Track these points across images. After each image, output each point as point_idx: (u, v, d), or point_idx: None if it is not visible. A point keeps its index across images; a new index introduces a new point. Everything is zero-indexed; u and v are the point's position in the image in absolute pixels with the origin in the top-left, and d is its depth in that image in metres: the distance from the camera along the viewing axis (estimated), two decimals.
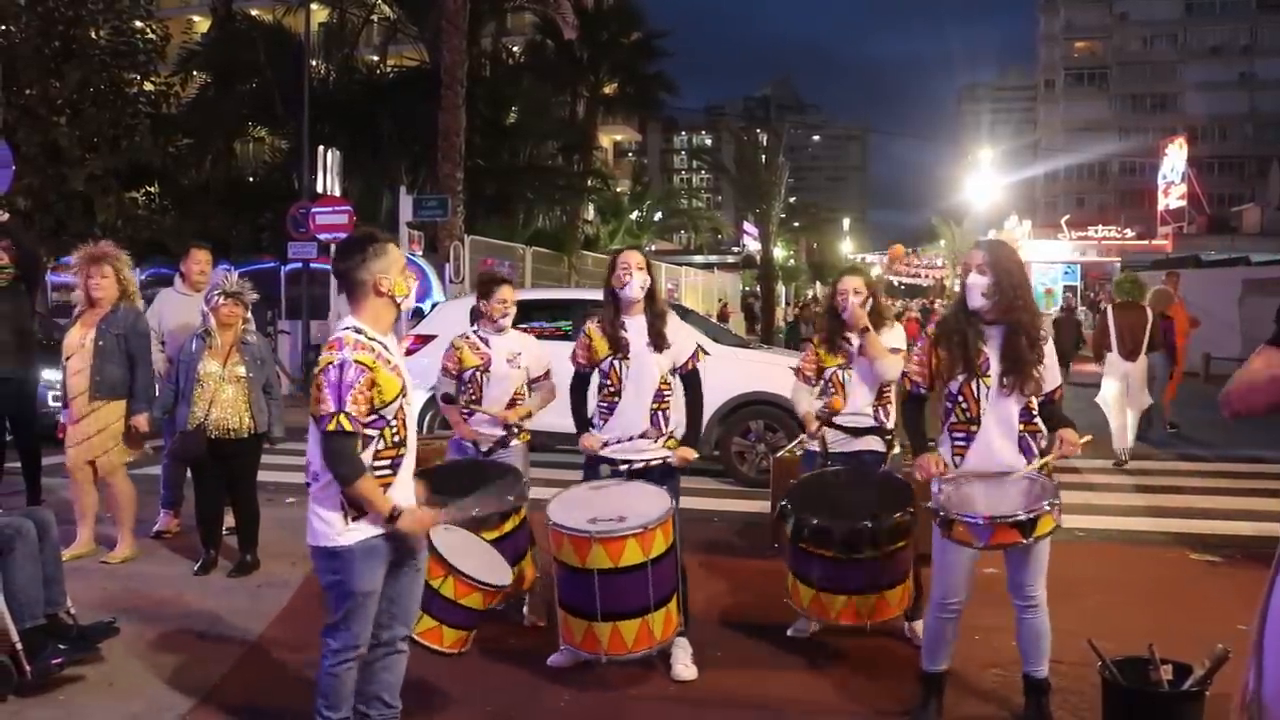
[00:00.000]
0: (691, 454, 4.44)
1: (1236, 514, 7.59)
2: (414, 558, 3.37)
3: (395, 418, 3.22)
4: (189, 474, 6.40)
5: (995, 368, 3.63)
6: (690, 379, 4.48)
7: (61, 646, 4.02)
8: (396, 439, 3.23)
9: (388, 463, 3.22)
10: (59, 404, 6.51)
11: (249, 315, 6.02)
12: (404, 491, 3.28)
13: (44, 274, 7.70)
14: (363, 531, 3.18)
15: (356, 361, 3.08)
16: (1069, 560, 6.04)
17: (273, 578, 5.72)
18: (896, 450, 4.93)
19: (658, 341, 4.36)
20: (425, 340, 9.29)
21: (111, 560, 5.99)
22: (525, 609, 4.92)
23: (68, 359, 5.98)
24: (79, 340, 5.98)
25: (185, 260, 7.15)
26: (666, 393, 4.44)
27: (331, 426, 3.06)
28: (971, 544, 3.47)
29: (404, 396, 3.25)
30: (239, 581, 5.68)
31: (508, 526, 4.40)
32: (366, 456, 3.15)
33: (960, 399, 3.68)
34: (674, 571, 4.08)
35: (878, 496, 4.37)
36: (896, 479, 4.62)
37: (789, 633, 4.76)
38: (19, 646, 3.92)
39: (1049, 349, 3.72)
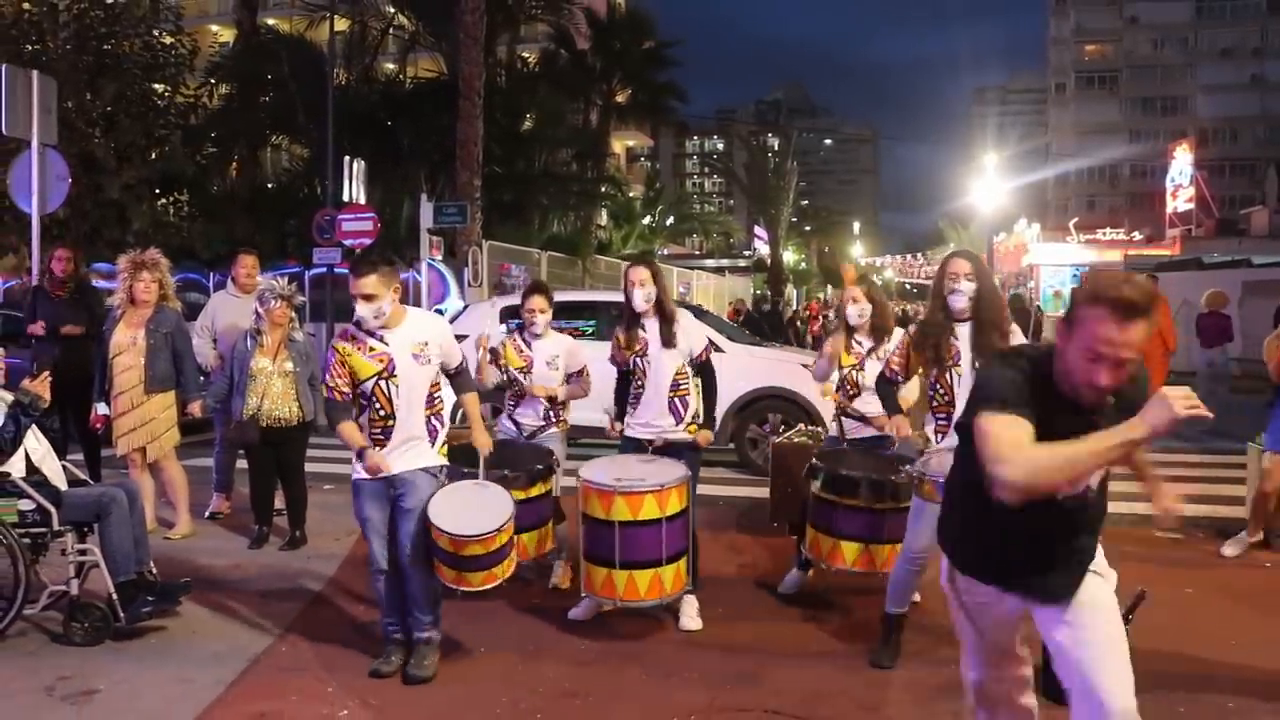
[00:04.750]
0: (709, 436, 5.08)
1: (1205, 498, 8.13)
2: (402, 501, 4.26)
3: (373, 394, 4.22)
4: (239, 461, 7.07)
5: (966, 357, 4.24)
6: (704, 369, 5.14)
7: (150, 598, 4.66)
8: (382, 413, 4.25)
9: (379, 430, 4.26)
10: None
11: (294, 315, 6.66)
12: (398, 454, 4.25)
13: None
14: (358, 472, 4.29)
15: (334, 348, 4.27)
16: None
17: (321, 550, 6.35)
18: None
19: (668, 339, 5.00)
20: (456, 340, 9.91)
21: (173, 537, 6.63)
22: (554, 574, 5.55)
23: (115, 357, 6.55)
24: (129, 339, 6.57)
25: (234, 266, 7.74)
26: (683, 383, 5.11)
27: (324, 393, 4.34)
28: (935, 499, 4.08)
29: (382, 379, 4.22)
30: (290, 554, 6.31)
31: (534, 491, 4.99)
32: (363, 422, 4.28)
33: (938, 387, 4.32)
34: (686, 533, 4.70)
35: (892, 462, 5.00)
36: (904, 454, 5.26)
37: (780, 589, 5.38)
38: (115, 597, 4.58)
39: (1018, 339, 4.33)
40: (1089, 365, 2.39)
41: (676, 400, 5.07)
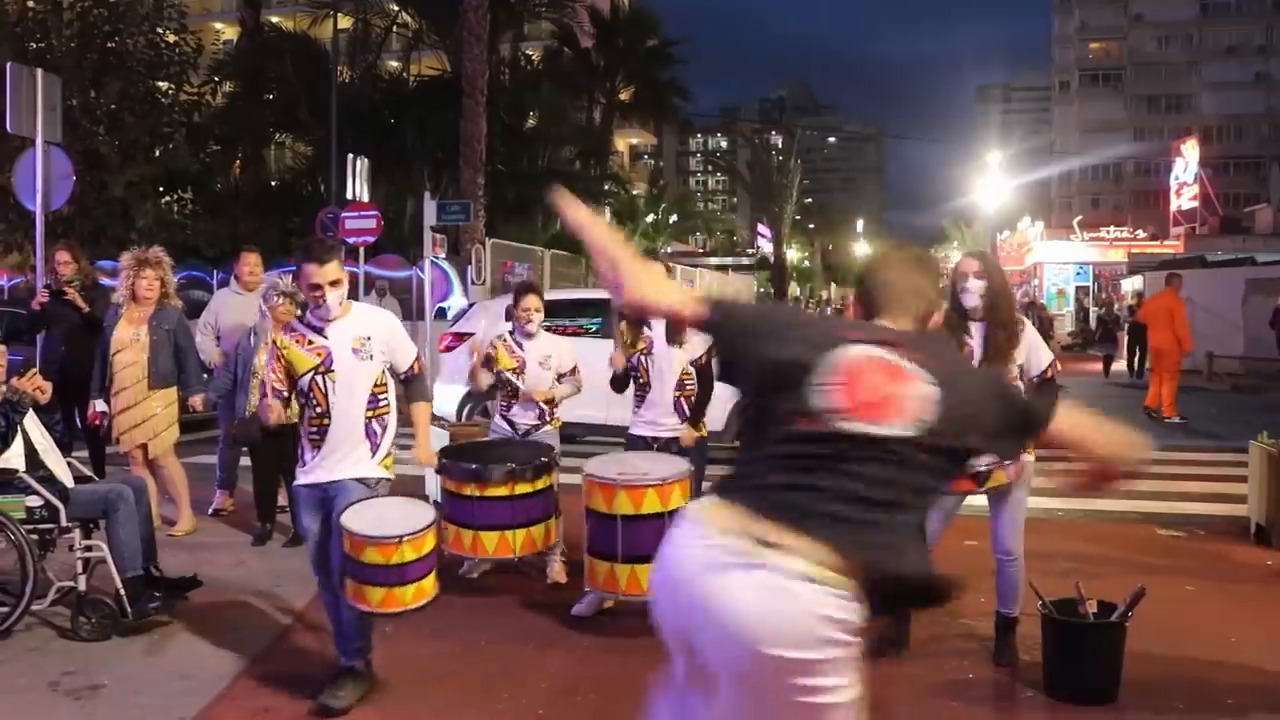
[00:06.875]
0: (693, 435, 5.20)
1: (1206, 496, 8.17)
2: (333, 513, 3.89)
3: (310, 391, 3.91)
4: (243, 458, 7.09)
5: (978, 356, 4.28)
6: (702, 371, 5.16)
7: (157, 594, 4.70)
8: (318, 410, 3.93)
9: (315, 430, 3.96)
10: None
11: (299, 312, 6.68)
12: (334, 461, 3.94)
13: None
14: (298, 479, 4.08)
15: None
16: (1047, 535, 6.65)
17: None
18: None
19: (673, 338, 5.06)
20: (462, 338, 9.92)
21: (176, 533, 6.66)
22: (549, 569, 5.57)
23: (117, 353, 6.56)
24: (131, 336, 6.58)
25: (237, 263, 7.78)
26: (689, 383, 5.21)
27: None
28: (1004, 480, 4.19)
29: (319, 373, 3.91)
30: (293, 551, 6.30)
31: (540, 484, 5.04)
32: (303, 425, 3.99)
33: None
34: None
35: None
36: None
37: None
38: (122, 592, 4.61)
39: (1029, 333, 4.33)
40: None
41: (682, 400, 5.15)
